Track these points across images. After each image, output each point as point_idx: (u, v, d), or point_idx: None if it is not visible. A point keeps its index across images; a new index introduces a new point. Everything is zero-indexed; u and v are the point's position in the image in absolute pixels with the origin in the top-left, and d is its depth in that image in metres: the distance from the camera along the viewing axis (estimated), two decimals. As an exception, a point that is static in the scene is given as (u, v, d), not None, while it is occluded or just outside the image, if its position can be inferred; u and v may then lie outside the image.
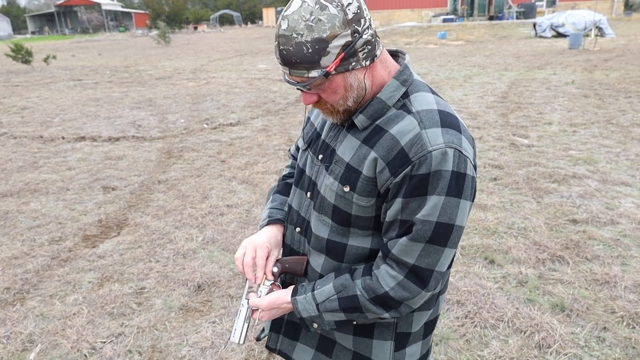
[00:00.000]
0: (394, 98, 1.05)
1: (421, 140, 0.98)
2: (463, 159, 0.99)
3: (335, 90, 1.01)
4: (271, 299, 1.17)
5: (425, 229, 1.00)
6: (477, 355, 2.43)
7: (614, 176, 4.70)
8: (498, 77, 11.04)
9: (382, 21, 36.21)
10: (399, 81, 1.06)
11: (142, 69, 15.89)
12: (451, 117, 1.04)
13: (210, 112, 8.52)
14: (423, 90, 1.08)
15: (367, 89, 1.04)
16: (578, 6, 29.97)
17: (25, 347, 2.62)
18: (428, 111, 1.03)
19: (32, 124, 8.08)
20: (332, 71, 0.97)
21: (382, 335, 1.18)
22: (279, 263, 1.22)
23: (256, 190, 4.74)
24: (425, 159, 0.97)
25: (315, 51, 0.94)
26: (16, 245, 3.79)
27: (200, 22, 55.77)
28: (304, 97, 1.04)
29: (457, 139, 1.00)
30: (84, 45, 31.41)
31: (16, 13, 74.55)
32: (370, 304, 1.06)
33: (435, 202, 0.98)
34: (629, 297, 2.82)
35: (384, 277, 1.05)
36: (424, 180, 0.98)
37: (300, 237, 1.23)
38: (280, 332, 1.32)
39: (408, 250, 1.02)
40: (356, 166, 1.06)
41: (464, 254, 3.39)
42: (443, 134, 0.99)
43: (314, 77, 0.97)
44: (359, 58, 0.99)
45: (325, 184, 1.13)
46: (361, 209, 1.08)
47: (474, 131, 6.53)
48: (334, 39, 0.94)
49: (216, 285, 3.14)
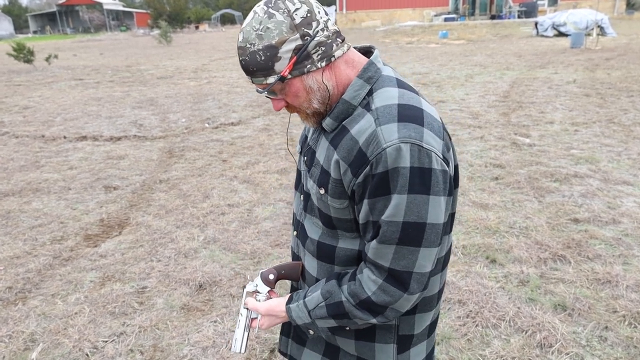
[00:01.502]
0: (359, 97, 1.04)
1: (376, 137, 0.97)
2: (425, 153, 0.95)
3: (297, 93, 1.03)
4: (270, 304, 1.18)
5: (391, 230, 0.97)
6: (479, 355, 2.43)
7: (615, 175, 4.69)
8: (499, 76, 11.03)
9: (383, 20, 36.18)
10: (362, 79, 1.05)
11: (143, 69, 15.90)
12: (412, 109, 1.00)
13: (212, 112, 8.52)
14: (388, 86, 1.05)
15: (330, 90, 1.04)
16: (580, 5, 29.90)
17: (27, 346, 2.62)
18: (386, 107, 1.00)
19: (34, 124, 8.09)
20: (287, 75, 0.99)
21: (383, 339, 1.16)
22: (275, 270, 1.23)
23: (257, 189, 4.74)
24: (381, 157, 0.95)
25: (268, 58, 0.97)
26: (18, 245, 3.79)
27: (202, 21, 55.76)
28: (273, 103, 1.08)
29: (415, 133, 0.96)
30: (86, 45, 31.44)
31: (18, 12, 74.63)
32: (356, 310, 1.05)
33: (398, 201, 0.95)
34: (631, 296, 2.82)
35: (366, 281, 1.03)
36: (383, 178, 0.96)
37: (297, 240, 1.24)
38: (289, 335, 1.32)
39: (380, 253, 1.00)
40: (327, 168, 1.07)
41: (465, 254, 3.39)
42: (399, 129, 0.96)
43: (271, 83, 1.00)
44: (313, 60, 1.00)
45: (309, 186, 1.14)
46: (338, 211, 1.07)
47: (475, 130, 6.52)
48: (283, 44, 0.97)
49: (217, 284, 3.14)
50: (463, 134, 6.40)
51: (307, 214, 1.18)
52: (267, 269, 1.24)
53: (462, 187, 4.57)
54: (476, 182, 4.68)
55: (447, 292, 2.94)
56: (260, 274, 1.24)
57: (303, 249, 1.21)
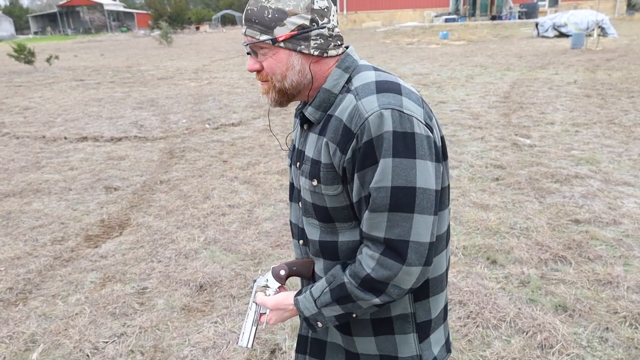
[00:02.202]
0: (339, 85, 1.09)
1: (358, 110, 1.00)
2: (406, 118, 0.98)
3: (277, 63, 1.07)
4: (278, 298, 1.18)
5: (381, 197, 0.97)
6: (480, 356, 2.43)
7: (616, 176, 4.68)
8: (500, 77, 11.03)
9: (383, 21, 36.20)
10: (341, 69, 1.10)
11: (144, 69, 15.91)
12: (389, 83, 1.04)
13: (212, 112, 8.52)
14: (365, 70, 1.10)
15: (310, 80, 1.09)
16: (580, 6, 29.91)
17: (28, 347, 2.62)
18: (365, 84, 1.05)
19: (34, 124, 8.10)
20: (280, 41, 1.03)
21: (403, 330, 1.15)
22: (286, 266, 1.23)
23: (258, 190, 4.74)
24: (364, 127, 0.98)
25: (274, 19, 1.02)
26: (19, 245, 3.80)
27: (202, 22, 55.80)
28: (250, 62, 1.11)
29: (394, 100, 1.00)
30: (86, 46, 31.47)
31: (19, 13, 74.73)
32: (358, 291, 1.03)
33: (384, 165, 0.96)
34: (632, 297, 2.82)
35: (364, 258, 1.03)
36: (369, 147, 0.98)
37: (305, 249, 1.24)
38: (306, 352, 1.30)
39: (374, 223, 0.99)
40: (317, 158, 1.09)
41: (465, 254, 3.39)
42: (378, 98, 1.00)
43: (261, 40, 1.04)
44: (309, 45, 1.05)
45: (302, 185, 1.15)
46: (333, 199, 1.08)
47: (476, 131, 6.52)
48: (293, 16, 1.02)
49: (218, 285, 3.14)
50: (463, 134, 6.40)
51: (305, 217, 1.19)
52: (279, 265, 1.24)
53: (463, 187, 4.57)
54: (477, 183, 4.68)
55: (447, 293, 2.93)
56: (272, 269, 1.24)
57: (310, 255, 1.22)
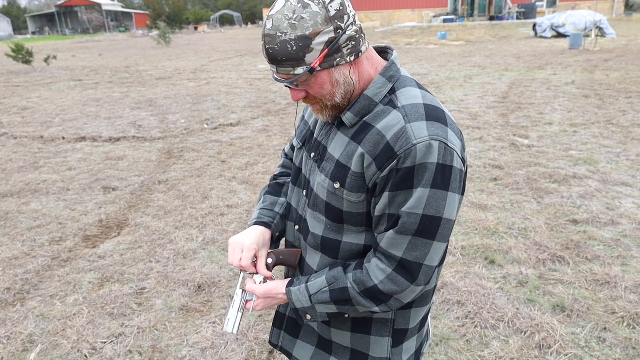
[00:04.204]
0: (381, 94, 1.07)
1: (406, 133, 0.99)
2: (449, 152, 0.99)
3: (322, 85, 1.03)
4: (268, 287, 1.19)
5: (411, 222, 1.00)
6: (478, 356, 2.43)
7: (614, 176, 4.69)
8: (498, 78, 11.04)
9: (382, 21, 36.21)
10: (385, 77, 1.07)
11: (142, 70, 15.89)
12: (437, 110, 1.04)
13: (211, 113, 8.52)
14: (410, 86, 1.09)
15: (354, 84, 1.06)
16: (578, 6, 29.96)
17: (26, 348, 2.62)
18: (413, 105, 1.04)
19: (32, 125, 8.08)
20: (317, 67, 0.98)
21: (379, 332, 1.19)
22: (274, 255, 1.23)
23: (256, 190, 4.74)
24: (410, 152, 0.98)
25: (300, 49, 0.96)
26: (17, 246, 3.79)
27: (201, 22, 55.80)
28: (292, 93, 1.06)
29: (442, 132, 1.00)
30: (85, 46, 31.43)
31: (17, 13, 74.59)
32: (360, 297, 1.07)
33: (421, 194, 0.99)
34: (630, 297, 2.82)
35: (374, 270, 1.05)
36: (409, 173, 0.98)
37: (299, 235, 1.25)
38: (281, 327, 1.34)
39: (395, 243, 1.02)
40: (345, 162, 1.08)
41: (464, 254, 3.39)
42: (428, 127, 0.99)
43: (299, 74, 0.99)
44: (343, 54, 1.00)
45: (318, 182, 1.14)
46: (352, 205, 1.09)
47: (474, 131, 6.53)
48: (317, 36, 0.96)
49: (216, 285, 3.14)
50: (462, 135, 6.40)
51: (310, 210, 1.19)
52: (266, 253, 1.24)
53: (461, 188, 4.57)
54: (475, 183, 4.68)
55: (445, 293, 2.94)
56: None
57: (305, 244, 1.22)
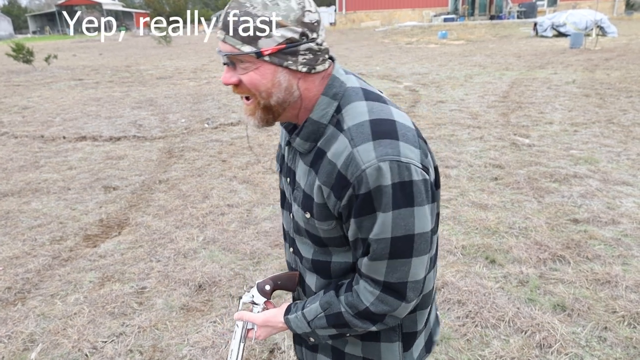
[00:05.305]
0: (328, 115, 1.02)
1: (354, 159, 0.94)
2: (404, 167, 0.94)
3: (261, 78, 0.97)
4: (267, 315, 1.18)
5: (381, 247, 0.98)
6: (478, 355, 2.43)
7: (615, 176, 4.69)
8: (499, 77, 11.03)
9: (382, 21, 36.19)
10: (328, 96, 1.02)
11: (143, 69, 15.89)
12: (385, 123, 0.98)
13: (211, 112, 8.52)
14: (355, 100, 1.02)
15: (297, 98, 1.01)
16: (579, 5, 29.93)
17: (27, 347, 2.62)
18: (358, 125, 0.98)
19: (33, 124, 8.09)
20: (265, 55, 0.94)
21: (389, 338, 1.18)
22: (271, 280, 1.23)
23: (257, 189, 4.74)
24: (362, 178, 0.93)
25: (259, 30, 0.92)
26: (17, 245, 3.79)
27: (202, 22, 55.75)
28: (226, 74, 1.00)
29: (391, 149, 0.94)
30: (85, 45, 31.43)
31: (17, 13, 74.63)
32: (356, 320, 1.07)
33: (384, 219, 0.95)
34: (630, 296, 2.82)
35: (363, 292, 1.04)
36: (367, 198, 0.95)
37: (294, 257, 1.25)
38: (301, 344, 1.33)
39: (374, 268, 1.01)
40: (309, 193, 1.05)
41: (464, 254, 3.39)
42: (375, 147, 0.94)
43: (244, 52, 0.94)
44: (297, 60, 0.96)
45: (294, 210, 1.14)
46: (327, 232, 1.07)
47: (475, 131, 6.53)
48: (282, 28, 0.92)
49: (217, 284, 3.14)
50: (462, 134, 6.40)
51: (297, 235, 1.18)
52: (263, 280, 1.24)
53: (461, 187, 4.57)
54: (475, 183, 4.68)
55: (446, 293, 2.94)
56: (257, 284, 1.24)
57: (302, 266, 1.22)
